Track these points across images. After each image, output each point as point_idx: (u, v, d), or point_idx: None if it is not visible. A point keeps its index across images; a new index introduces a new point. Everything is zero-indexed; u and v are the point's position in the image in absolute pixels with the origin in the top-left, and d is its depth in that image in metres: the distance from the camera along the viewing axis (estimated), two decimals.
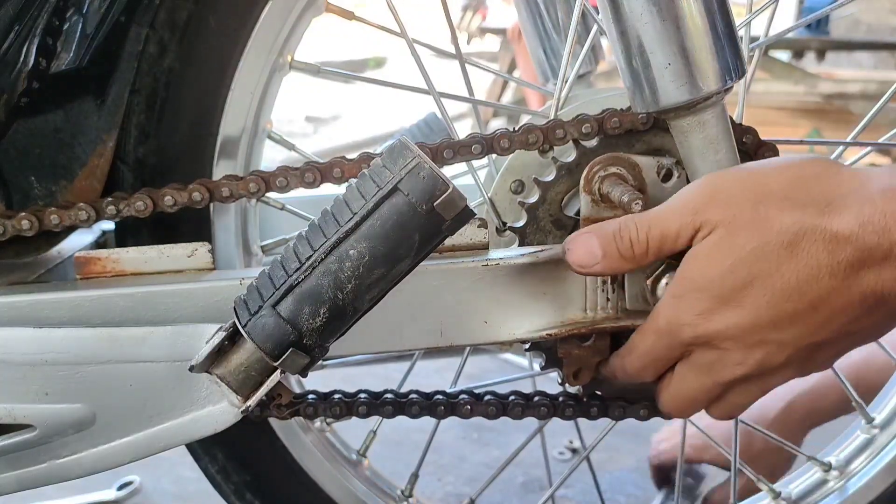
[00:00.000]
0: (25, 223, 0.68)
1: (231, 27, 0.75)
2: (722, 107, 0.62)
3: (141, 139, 0.75)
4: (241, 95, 0.77)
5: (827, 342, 0.56)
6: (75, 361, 0.60)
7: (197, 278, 0.67)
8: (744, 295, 0.54)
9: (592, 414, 0.74)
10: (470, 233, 0.68)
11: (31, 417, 0.61)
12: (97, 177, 0.74)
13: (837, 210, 0.52)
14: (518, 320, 0.67)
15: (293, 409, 0.70)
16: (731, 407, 0.62)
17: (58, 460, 0.63)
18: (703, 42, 0.59)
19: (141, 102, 0.74)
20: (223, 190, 0.70)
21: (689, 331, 0.57)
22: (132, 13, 0.70)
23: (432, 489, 1.43)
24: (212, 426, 0.59)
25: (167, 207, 0.70)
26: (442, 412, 0.74)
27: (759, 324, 0.55)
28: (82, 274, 0.69)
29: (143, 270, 0.69)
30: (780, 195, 0.53)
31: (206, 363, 0.53)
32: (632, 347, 0.63)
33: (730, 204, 0.54)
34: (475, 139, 0.70)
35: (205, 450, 0.86)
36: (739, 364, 0.57)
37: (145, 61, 0.73)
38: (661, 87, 0.60)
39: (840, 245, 0.51)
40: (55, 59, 0.67)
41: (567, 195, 0.72)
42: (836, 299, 0.53)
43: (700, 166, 0.63)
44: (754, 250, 0.53)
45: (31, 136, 0.72)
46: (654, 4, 0.58)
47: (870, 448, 0.91)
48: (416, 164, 0.50)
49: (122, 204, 0.69)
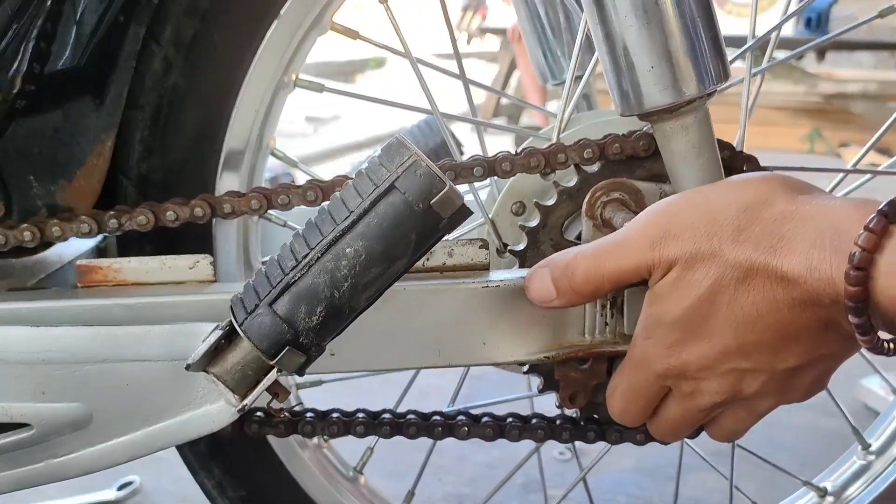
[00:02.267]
0: (27, 234, 0.69)
1: (236, 45, 0.75)
2: (705, 111, 0.62)
3: (144, 155, 0.76)
4: (245, 113, 0.78)
5: (801, 367, 0.56)
6: (72, 360, 0.60)
7: (198, 290, 0.68)
8: (710, 327, 0.55)
9: (589, 438, 0.75)
10: (471, 253, 0.69)
11: (29, 416, 0.61)
12: (96, 176, 0.74)
13: (786, 249, 0.51)
14: (516, 342, 0.67)
15: (292, 424, 0.71)
16: (727, 431, 0.63)
17: (55, 459, 0.62)
18: (687, 46, 0.59)
19: (145, 118, 0.75)
20: (225, 206, 0.71)
21: (662, 362, 0.58)
22: (130, 13, 0.70)
23: (432, 489, 1.43)
24: (209, 425, 0.59)
25: (169, 222, 0.70)
26: (439, 433, 0.75)
27: (727, 353, 0.55)
28: (83, 282, 0.69)
29: (144, 281, 0.69)
30: (732, 226, 0.53)
31: (202, 362, 0.53)
32: (612, 388, 0.64)
33: (684, 238, 0.54)
34: (477, 161, 0.71)
35: (201, 464, 0.86)
36: (717, 392, 0.58)
37: (150, 77, 0.74)
38: (644, 89, 0.60)
39: (791, 285, 0.51)
40: (52, 58, 0.67)
41: (568, 219, 0.72)
42: (797, 328, 0.53)
43: (682, 170, 0.63)
44: (713, 285, 0.53)
45: (30, 136, 0.72)
46: (638, 7, 0.58)
47: (866, 474, 0.91)
48: (413, 163, 0.50)
49: (123, 217, 0.70)
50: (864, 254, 0.47)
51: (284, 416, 0.74)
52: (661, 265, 0.55)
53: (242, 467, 0.87)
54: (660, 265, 0.55)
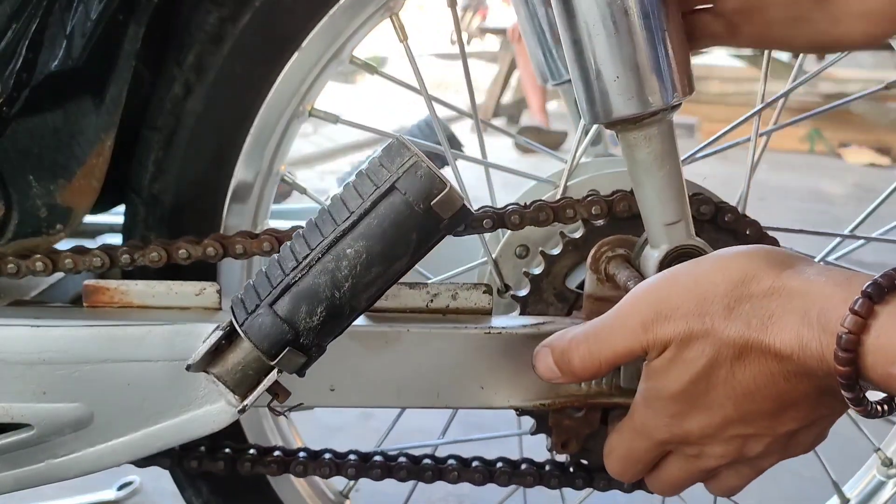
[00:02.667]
0: (39, 265, 0.70)
1: (256, 76, 0.76)
2: (669, 124, 0.62)
3: (156, 175, 0.77)
4: (258, 140, 0.79)
5: (802, 428, 0.57)
6: (73, 360, 0.60)
7: (204, 318, 0.67)
8: (709, 399, 0.56)
9: (577, 485, 0.76)
10: (475, 298, 0.69)
11: (29, 416, 0.61)
12: (95, 176, 0.74)
13: (777, 327, 0.51)
14: (514, 388, 0.68)
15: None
16: (728, 488, 0.63)
17: (55, 459, 0.63)
18: (653, 59, 0.59)
19: (161, 140, 0.76)
20: (237, 247, 0.72)
21: (664, 431, 0.59)
22: (130, 12, 0.70)
23: (432, 489, 1.42)
24: (210, 426, 0.59)
25: (181, 260, 0.72)
26: (430, 477, 0.76)
27: (728, 422, 0.56)
28: (89, 302, 0.69)
29: (150, 304, 0.69)
30: (722, 304, 0.53)
31: (203, 362, 0.53)
32: (610, 449, 0.64)
33: (676, 319, 0.55)
34: (486, 214, 0.71)
35: (189, 482, 0.87)
36: (722, 456, 0.59)
37: (170, 101, 0.75)
38: (609, 99, 0.60)
39: (785, 360, 0.52)
40: (51, 58, 0.67)
41: (571, 269, 0.74)
42: (795, 396, 0.54)
43: (644, 180, 0.64)
44: (709, 362, 0.54)
45: (30, 136, 0.72)
46: (607, 17, 0.58)
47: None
48: (414, 163, 0.50)
49: (137, 253, 0.71)
50: (851, 336, 0.47)
51: None
52: (655, 346, 0.56)
53: (230, 487, 0.87)
54: (654, 346, 0.56)
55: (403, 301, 0.68)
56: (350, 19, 0.77)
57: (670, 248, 0.65)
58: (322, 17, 0.75)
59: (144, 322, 0.62)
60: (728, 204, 0.74)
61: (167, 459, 0.72)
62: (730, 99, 5.19)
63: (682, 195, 0.64)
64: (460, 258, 0.85)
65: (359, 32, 0.79)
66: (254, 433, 0.86)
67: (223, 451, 0.76)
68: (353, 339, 0.65)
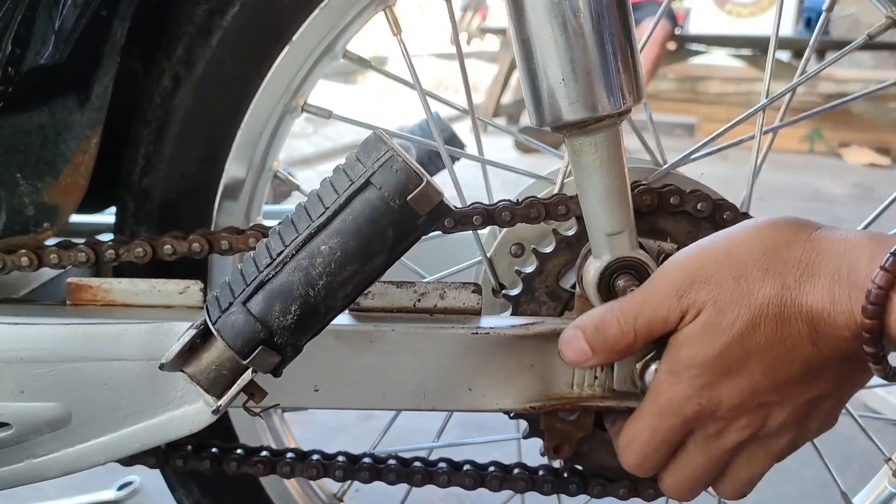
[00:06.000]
0: (25, 260, 0.70)
1: (246, 69, 0.75)
2: (616, 131, 0.60)
3: (147, 169, 0.76)
4: (250, 134, 0.78)
5: (823, 395, 0.58)
6: (49, 358, 0.59)
7: (186, 316, 0.66)
8: (740, 367, 0.56)
9: (571, 490, 0.74)
10: (463, 297, 0.68)
11: (7, 415, 0.61)
12: (82, 174, 0.73)
13: (811, 285, 0.54)
14: (503, 390, 0.66)
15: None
16: (740, 482, 0.63)
17: (35, 459, 0.62)
18: (602, 63, 0.57)
19: (150, 134, 0.75)
20: (223, 243, 0.71)
21: (693, 404, 0.58)
22: (114, 7, 0.69)
23: (432, 489, 1.41)
24: (188, 426, 0.58)
25: (166, 256, 0.70)
26: (419, 480, 0.75)
27: (758, 390, 0.57)
28: (72, 300, 0.68)
29: (133, 302, 0.68)
30: (759, 266, 0.55)
31: (177, 361, 0.52)
32: (631, 437, 0.62)
33: (711, 284, 0.56)
34: (476, 210, 0.70)
35: (180, 482, 0.86)
36: (745, 427, 0.59)
37: (159, 94, 0.74)
38: (556, 102, 0.58)
39: (816, 319, 0.53)
40: (33, 54, 0.66)
41: (564, 268, 0.72)
42: (821, 360, 0.55)
43: (588, 186, 0.62)
44: (743, 326, 0.55)
45: (15, 133, 0.71)
46: (556, 17, 0.56)
47: None
48: (389, 158, 0.48)
49: (121, 249, 0.70)
50: (880, 291, 0.50)
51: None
52: (690, 311, 0.57)
53: (221, 488, 0.86)
54: (689, 311, 0.57)
55: (390, 300, 0.67)
56: (343, 12, 0.76)
57: (612, 258, 0.64)
58: (313, 10, 0.74)
59: (121, 320, 0.61)
60: (728, 202, 0.71)
61: (152, 459, 0.71)
62: (730, 99, 5.16)
63: (626, 205, 0.63)
64: (456, 257, 0.84)
65: (352, 26, 0.78)
66: (245, 433, 0.85)
67: (209, 451, 0.75)
68: (338, 338, 0.64)
